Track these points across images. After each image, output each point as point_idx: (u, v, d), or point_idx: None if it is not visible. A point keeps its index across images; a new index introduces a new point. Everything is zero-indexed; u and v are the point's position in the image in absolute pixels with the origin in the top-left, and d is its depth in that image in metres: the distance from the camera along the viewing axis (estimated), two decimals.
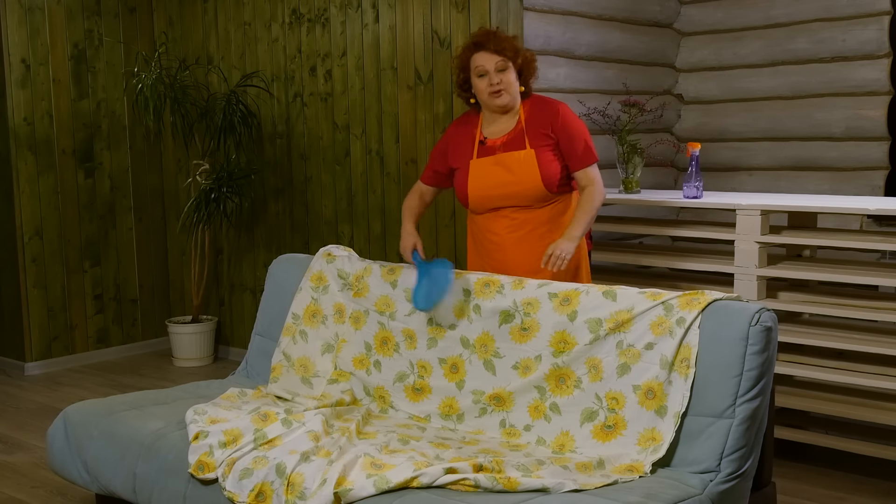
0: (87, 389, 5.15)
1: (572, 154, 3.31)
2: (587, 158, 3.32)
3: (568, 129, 3.31)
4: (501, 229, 3.35)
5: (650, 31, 5.42)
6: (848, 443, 3.67)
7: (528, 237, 3.31)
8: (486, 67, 3.27)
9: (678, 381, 2.69)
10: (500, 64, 3.27)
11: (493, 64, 3.27)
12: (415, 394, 3.20)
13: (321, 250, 3.61)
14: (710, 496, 2.52)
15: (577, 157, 3.31)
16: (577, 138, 3.31)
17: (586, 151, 3.32)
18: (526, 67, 3.35)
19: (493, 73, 3.27)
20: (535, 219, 3.32)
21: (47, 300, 5.60)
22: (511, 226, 3.33)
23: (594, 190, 3.30)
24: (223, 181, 5.37)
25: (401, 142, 4.83)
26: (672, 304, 2.77)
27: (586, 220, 3.26)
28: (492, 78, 3.27)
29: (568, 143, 3.30)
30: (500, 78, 3.27)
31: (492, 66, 3.27)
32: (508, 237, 3.33)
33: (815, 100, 5.21)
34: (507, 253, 3.33)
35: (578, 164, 3.32)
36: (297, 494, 2.56)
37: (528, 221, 3.32)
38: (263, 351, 3.63)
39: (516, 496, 2.46)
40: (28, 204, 5.49)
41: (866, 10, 4.99)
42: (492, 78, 3.27)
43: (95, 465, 3.14)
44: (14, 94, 5.39)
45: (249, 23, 5.46)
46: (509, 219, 3.33)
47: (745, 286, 3.70)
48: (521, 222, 3.33)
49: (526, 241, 3.31)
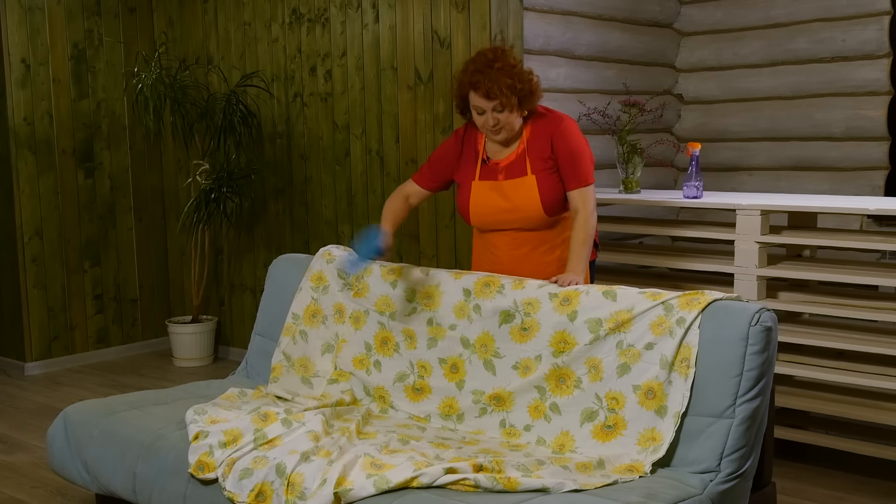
0: (87, 389, 5.15)
1: (566, 172, 3.18)
2: (581, 179, 3.17)
3: (567, 146, 3.18)
4: (503, 245, 3.30)
5: (650, 31, 5.42)
6: (848, 443, 3.67)
7: (530, 255, 3.27)
8: (483, 108, 3.12)
9: (678, 381, 2.69)
10: (495, 105, 3.10)
11: (489, 105, 3.10)
12: (415, 394, 3.20)
13: (321, 250, 3.61)
14: (710, 496, 2.52)
15: (570, 176, 3.17)
16: (576, 157, 3.18)
17: (581, 171, 3.18)
18: (526, 98, 3.16)
19: (490, 115, 3.12)
20: (537, 238, 3.27)
21: (47, 300, 5.60)
22: (512, 243, 3.28)
23: (586, 216, 3.16)
24: (223, 181, 5.37)
25: (401, 142, 4.83)
26: (672, 304, 2.77)
27: (585, 252, 3.15)
28: (488, 119, 3.13)
29: (565, 160, 3.17)
30: (497, 119, 3.12)
31: (489, 108, 3.11)
32: (509, 253, 3.29)
33: (815, 100, 5.21)
34: (508, 267, 3.30)
35: (572, 184, 3.18)
36: (297, 494, 2.56)
37: (530, 241, 3.27)
38: (263, 351, 3.62)
39: (516, 496, 2.46)
40: (28, 204, 5.49)
41: (866, 10, 4.99)
42: (488, 119, 3.13)
43: (95, 465, 3.14)
44: (14, 94, 5.39)
45: (249, 23, 5.46)
46: (510, 236, 3.28)
47: (745, 286, 3.70)
48: (522, 241, 3.27)
49: (528, 258, 3.27)
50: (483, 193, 3.25)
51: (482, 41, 4.43)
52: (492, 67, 3.09)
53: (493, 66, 3.09)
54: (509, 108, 3.11)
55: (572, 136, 3.20)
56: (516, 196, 3.21)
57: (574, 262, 3.15)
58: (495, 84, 3.07)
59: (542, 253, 3.27)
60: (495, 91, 3.06)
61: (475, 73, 3.11)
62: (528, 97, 3.16)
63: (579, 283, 3.06)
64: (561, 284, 3.05)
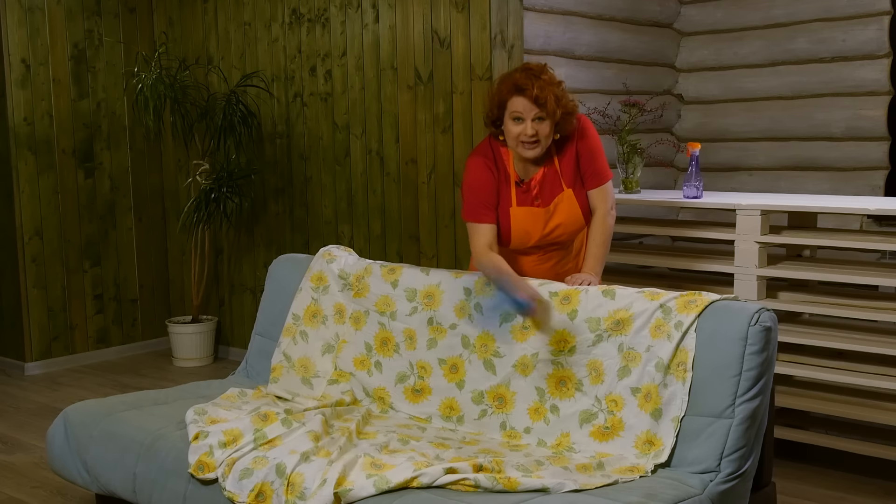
0: (87, 389, 5.15)
1: (587, 171, 3.12)
2: (600, 176, 3.13)
3: (588, 145, 3.12)
4: (531, 261, 3.22)
5: (650, 31, 5.42)
6: (848, 443, 3.67)
7: (554, 267, 3.22)
8: (524, 115, 2.98)
9: (676, 386, 2.68)
10: (538, 113, 2.97)
11: (531, 112, 2.97)
12: (415, 395, 3.20)
13: (321, 250, 3.61)
14: (710, 496, 2.52)
15: (590, 175, 3.12)
16: (595, 154, 3.13)
17: (599, 168, 3.13)
18: (566, 119, 3.04)
19: (529, 123, 2.98)
20: (563, 251, 3.22)
21: (47, 300, 5.60)
22: (541, 258, 3.22)
23: (604, 215, 3.11)
24: (223, 181, 5.38)
25: (401, 142, 4.83)
26: (670, 306, 2.77)
27: (602, 252, 3.10)
28: (527, 128, 2.98)
29: (586, 159, 3.12)
30: (535, 129, 2.98)
31: (530, 115, 2.98)
32: (536, 267, 3.22)
33: (815, 100, 5.21)
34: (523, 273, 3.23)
35: (591, 182, 3.12)
36: (297, 494, 2.56)
37: (557, 254, 3.22)
38: (263, 351, 3.62)
39: (516, 496, 2.46)
40: (28, 204, 5.49)
41: (866, 10, 4.99)
42: (527, 128, 2.98)
43: (95, 465, 3.14)
44: (14, 94, 5.39)
45: (249, 23, 5.46)
46: (541, 252, 3.21)
47: (745, 286, 3.70)
48: (551, 254, 3.22)
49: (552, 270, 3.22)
50: (524, 220, 3.13)
51: (482, 41, 4.44)
52: (539, 77, 3.00)
53: (541, 77, 3.01)
54: (552, 119, 3.00)
55: (591, 134, 3.15)
56: (559, 215, 3.13)
57: (590, 263, 3.13)
58: (544, 91, 2.97)
59: (564, 262, 3.24)
60: (543, 98, 2.96)
61: (524, 78, 3.00)
62: (568, 117, 3.05)
63: (592, 283, 3.03)
64: (572, 284, 3.03)
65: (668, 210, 5.48)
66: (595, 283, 3.06)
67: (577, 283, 3.02)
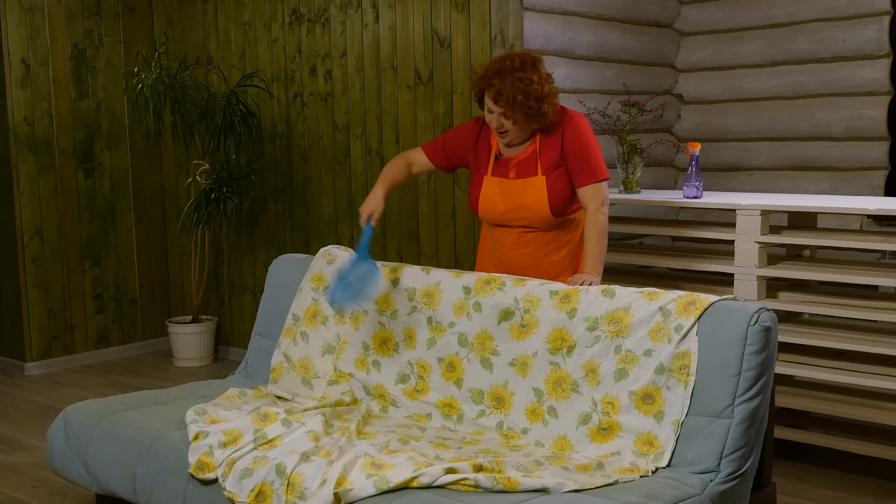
0: (87, 389, 5.15)
1: (575, 168, 3.17)
2: (590, 175, 3.16)
3: (576, 142, 3.16)
4: (509, 242, 3.31)
5: (650, 31, 5.42)
6: (848, 443, 3.67)
7: (535, 253, 3.28)
8: (492, 108, 3.12)
9: (678, 389, 2.68)
10: (501, 110, 3.10)
11: (496, 109, 3.11)
12: (414, 394, 3.20)
13: (321, 250, 3.61)
14: (710, 496, 2.52)
15: (579, 173, 3.16)
16: (584, 152, 3.16)
17: (589, 167, 3.16)
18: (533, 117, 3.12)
19: (496, 116, 3.12)
20: (542, 237, 3.27)
21: (47, 300, 5.60)
22: (518, 241, 3.29)
23: (594, 213, 3.14)
24: (223, 181, 5.37)
25: (401, 142, 4.83)
26: (670, 309, 2.77)
27: (598, 251, 3.14)
28: (493, 120, 3.14)
29: (574, 156, 3.16)
30: (501, 122, 3.12)
31: (497, 110, 3.11)
32: (515, 251, 3.30)
33: (815, 100, 5.21)
34: (513, 264, 3.30)
35: (580, 180, 3.17)
36: (297, 494, 2.56)
37: (535, 240, 3.27)
38: (263, 351, 3.62)
39: (516, 496, 2.46)
40: (28, 204, 5.49)
41: (866, 10, 4.99)
42: (493, 120, 3.14)
43: (95, 465, 3.14)
44: (14, 94, 5.39)
45: (249, 23, 5.46)
46: (517, 234, 3.29)
47: (745, 286, 3.70)
48: (528, 240, 3.28)
49: (533, 256, 3.28)
50: (493, 189, 3.26)
51: (482, 41, 4.44)
52: (512, 74, 3.06)
53: (514, 74, 3.06)
54: (512, 120, 3.11)
55: (581, 131, 3.18)
56: (525, 195, 3.21)
57: (590, 263, 3.15)
58: (505, 94, 3.05)
59: (547, 252, 3.28)
60: (503, 100, 3.06)
61: (494, 74, 3.09)
62: (535, 117, 3.11)
63: (594, 283, 3.06)
64: (573, 283, 3.05)
65: (668, 210, 5.48)
66: (596, 282, 3.08)
67: (578, 283, 3.04)
